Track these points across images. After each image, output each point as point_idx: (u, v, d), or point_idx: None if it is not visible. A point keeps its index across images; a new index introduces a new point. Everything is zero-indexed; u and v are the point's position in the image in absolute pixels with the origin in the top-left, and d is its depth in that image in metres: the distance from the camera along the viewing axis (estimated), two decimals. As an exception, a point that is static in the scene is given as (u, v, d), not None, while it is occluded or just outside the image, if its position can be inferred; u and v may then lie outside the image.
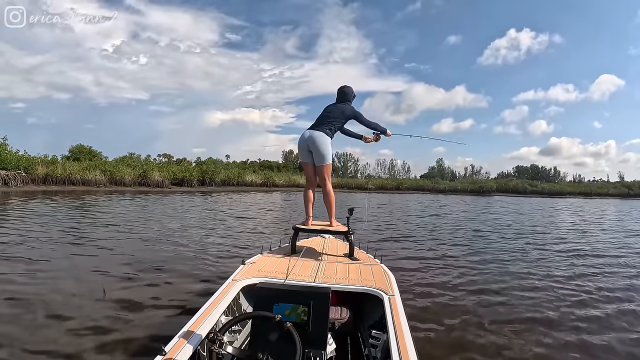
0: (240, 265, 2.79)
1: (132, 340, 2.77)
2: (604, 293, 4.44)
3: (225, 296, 2.21)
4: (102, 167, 26.14)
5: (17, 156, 22.06)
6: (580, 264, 6.09)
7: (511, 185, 53.58)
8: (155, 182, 27.83)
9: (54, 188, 21.49)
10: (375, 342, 2.14)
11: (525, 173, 73.85)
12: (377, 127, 3.69)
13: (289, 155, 68.03)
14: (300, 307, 1.84)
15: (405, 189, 47.65)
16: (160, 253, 5.67)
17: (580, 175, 75.16)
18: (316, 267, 2.89)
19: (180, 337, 1.69)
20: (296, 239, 3.46)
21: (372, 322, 2.47)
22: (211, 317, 1.93)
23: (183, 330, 1.76)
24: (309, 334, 1.79)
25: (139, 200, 16.77)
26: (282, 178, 41.31)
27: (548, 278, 5.09)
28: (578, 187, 57.48)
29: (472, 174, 73.01)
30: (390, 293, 2.33)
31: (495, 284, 4.73)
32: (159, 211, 12.38)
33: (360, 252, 3.58)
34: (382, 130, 3.72)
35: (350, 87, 3.71)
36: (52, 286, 3.94)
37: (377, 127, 3.69)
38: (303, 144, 3.54)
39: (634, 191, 54.90)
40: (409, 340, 1.75)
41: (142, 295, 3.75)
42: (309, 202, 3.64)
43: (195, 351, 1.65)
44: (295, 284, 2.35)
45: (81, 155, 33.44)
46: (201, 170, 33.21)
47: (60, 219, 9.12)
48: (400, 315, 2.02)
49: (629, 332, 3.31)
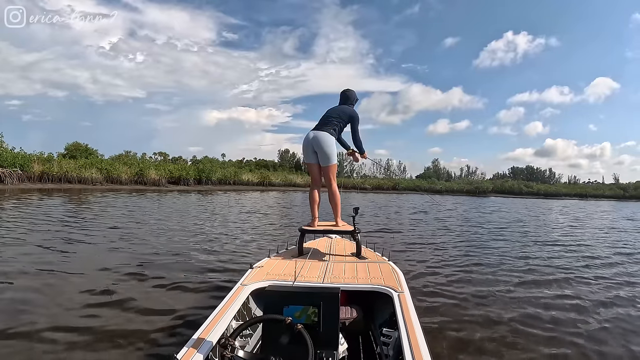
0: (248, 270, 2.79)
1: (142, 347, 2.73)
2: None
3: (234, 301, 2.21)
4: (98, 165, 25.96)
5: (13, 154, 21.84)
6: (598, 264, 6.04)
7: (507, 186, 53.86)
8: (151, 181, 27.74)
9: (50, 186, 21.34)
10: (386, 340, 2.15)
11: (521, 174, 74.41)
12: (360, 145, 3.75)
13: (284, 155, 68.03)
14: (311, 309, 1.84)
15: (402, 189, 47.75)
16: (164, 256, 5.59)
17: (575, 176, 75.90)
18: (324, 267, 2.90)
19: (192, 343, 1.69)
20: (303, 241, 3.46)
21: (383, 320, 2.48)
22: (222, 322, 1.93)
23: (194, 336, 1.76)
24: (320, 335, 1.79)
25: (136, 199, 16.67)
26: (278, 177, 41.34)
27: (566, 276, 5.11)
28: (573, 189, 57.88)
29: (467, 174, 73.46)
30: (399, 290, 2.34)
31: (507, 280, 4.75)
32: (158, 211, 12.32)
33: (367, 250, 3.60)
34: (360, 150, 3.79)
35: (353, 91, 3.80)
36: (54, 289, 3.90)
37: (360, 145, 3.75)
38: (308, 144, 3.55)
39: (629, 193, 55.33)
40: (420, 337, 1.75)
41: (149, 302, 3.65)
42: (314, 203, 3.66)
43: (207, 357, 1.65)
44: (304, 285, 2.36)
45: (77, 153, 33.17)
46: (198, 169, 33.12)
47: (58, 218, 9.04)
48: (411, 312, 2.03)
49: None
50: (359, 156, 3.86)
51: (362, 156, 3.84)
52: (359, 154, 3.84)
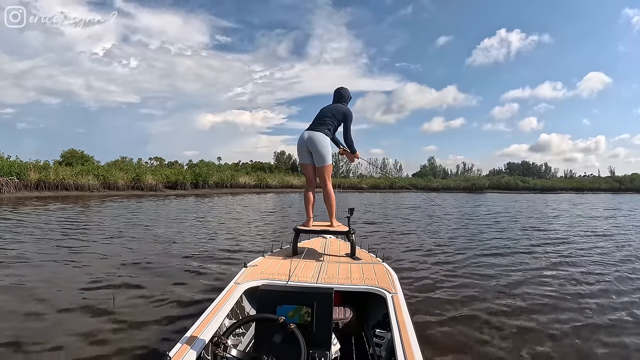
0: (242, 268, 2.80)
1: (136, 346, 2.78)
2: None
3: (228, 299, 2.21)
4: (94, 171, 25.79)
5: (9, 162, 21.71)
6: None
7: (503, 182, 54.01)
8: (148, 186, 27.55)
9: (47, 194, 21.20)
10: (379, 341, 2.14)
11: (517, 170, 74.48)
12: (352, 144, 3.73)
13: (280, 157, 67.77)
14: (304, 308, 1.83)
15: (399, 187, 47.73)
16: (161, 257, 5.65)
17: (571, 170, 76.22)
18: (318, 267, 2.91)
19: (184, 342, 1.69)
20: (297, 240, 3.46)
21: (376, 321, 2.48)
22: (215, 320, 1.93)
23: (187, 334, 1.76)
24: (313, 335, 1.78)
25: (133, 204, 16.62)
26: (275, 179, 41.26)
27: (558, 274, 5.18)
28: (570, 183, 58.22)
29: (464, 171, 73.50)
30: (393, 291, 2.34)
31: (501, 280, 4.79)
32: (156, 215, 12.31)
33: (362, 251, 3.59)
34: (352, 149, 3.76)
35: (347, 89, 3.76)
36: (52, 292, 3.93)
37: (352, 144, 3.73)
38: (302, 145, 3.53)
39: (625, 185, 55.67)
40: (413, 338, 1.75)
41: (143, 300, 3.76)
42: (309, 203, 3.65)
43: (199, 355, 1.65)
44: (298, 285, 2.36)
45: (73, 160, 32.98)
46: (194, 173, 33.03)
47: (55, 225, 9.03)
48: (404, 313, 2.03)
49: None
50: (352, 155, 3.82)
51: (354, 155, 3.81)
52: (350, 153, 3.80)
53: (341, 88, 3.76)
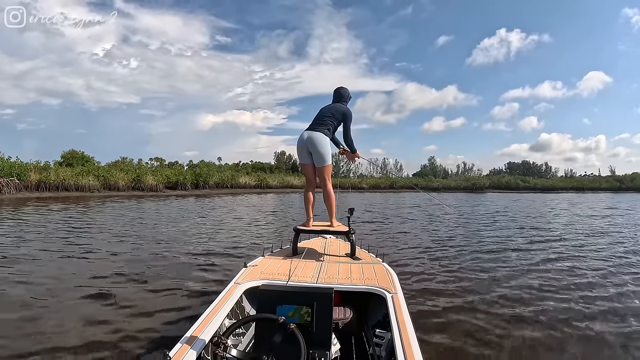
0: (242, 268, 2.80)
1: (136, 346, 2.79)
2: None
3: (228, 299, 2.21)
4: (95, 172, 25.82)
5: (10, 163, 21.79)
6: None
7: (504, 182, 53.99)
8: (149, 186, 27.58)
9: (47, 194, 21.23)
10: (379, 341, 2.13)
11: (517, 169, 74.49)
12: (352, 143, 3.71)
13: (281, 157, 67.72)
14: (304, 308, 1.83)
15: (399, 187, 47.72)
16: (161, 257, 5.67)
17: (572, 170, 76.18)
18: (318, 267, 2.91)
19: (184, 341, 1.69)
20: (297, 240, 3.46)
21: (376, 321, 2.48)
22: (215, 320, 1.93)
23: (187, 334, 1.75)
24: (313, 335, 1.77)
25: (134, 204, 16.64)
26: (275, 179, 41.27)
27: (557, 272, 5.21)
28: (570, 182, 58.23)
29: (464, 171, 73.49)
30: (393, 291, 2.34)
31: (501, 281, 4.79)
32: (156, 215, 12.32)
33: (361, 251, 3.58)
34: (352, 149, 3.74)
35: (346, 89, 3.75)
36: (53, 292, 3.95)
37: (352, 143, 3.71)
38: (302, 145, 3.52)
39: (626, 185, 55.64)
40: (413, 339, 1.75)
41: (144, 300, 3.77)
42: (309, 204, 3.64)
43: (199, 355, 1.65)
44: (298, 285, 2.36)
45: (74, 160, 32.96)
46: (195, 174, 33.04)
47: (56, 226, 9.04)
48: (404, 313, 2.03)
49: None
50: (352, 155, 3.81)
51: (354, 155, 3.79)
52: (350, 153, 3.79)
53: (341, 88, 3.74)
